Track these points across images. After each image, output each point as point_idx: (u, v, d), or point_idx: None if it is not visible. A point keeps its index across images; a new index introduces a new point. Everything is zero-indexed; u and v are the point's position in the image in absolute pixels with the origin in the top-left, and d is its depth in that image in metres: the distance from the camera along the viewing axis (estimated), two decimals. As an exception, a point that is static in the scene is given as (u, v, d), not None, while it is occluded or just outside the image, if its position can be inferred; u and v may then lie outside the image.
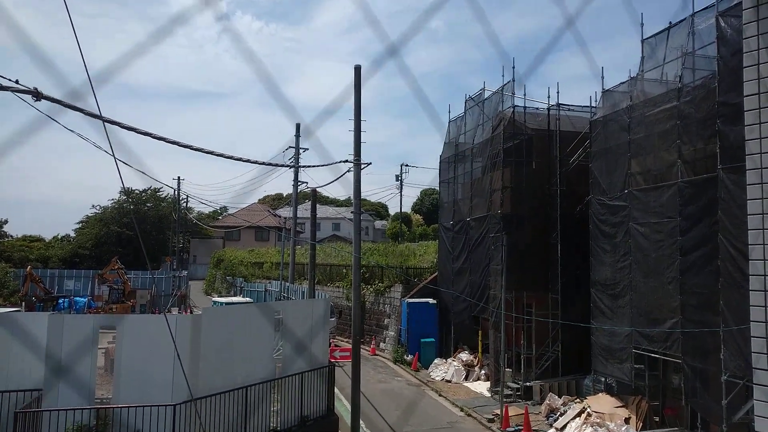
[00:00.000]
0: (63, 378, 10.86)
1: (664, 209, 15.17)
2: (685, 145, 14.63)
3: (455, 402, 20.20)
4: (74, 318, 14.24)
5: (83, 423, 10.45)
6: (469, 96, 25.27)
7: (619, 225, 16.94)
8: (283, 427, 13.46)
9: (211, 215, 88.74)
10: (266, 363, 13.44)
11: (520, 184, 21.46)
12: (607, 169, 17.76)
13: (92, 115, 6.42)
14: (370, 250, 36.94)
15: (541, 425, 17.20)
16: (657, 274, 15.41)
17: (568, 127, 21.76)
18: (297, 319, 14.76)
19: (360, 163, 16.88)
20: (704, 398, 13.97)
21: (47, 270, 48.34)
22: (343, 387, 18.51)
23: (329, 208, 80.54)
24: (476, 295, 22.89)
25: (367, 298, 31.06)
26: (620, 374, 16.65)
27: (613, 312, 17.10)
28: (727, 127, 12.83)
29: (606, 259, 17.52)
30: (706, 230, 13.76)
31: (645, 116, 16.16)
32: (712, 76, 13.77)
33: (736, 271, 12.38)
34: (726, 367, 12.75)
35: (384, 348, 28.99)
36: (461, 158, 25.89)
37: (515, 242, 20.09)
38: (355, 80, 16.80)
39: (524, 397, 19.97)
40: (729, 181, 12.69)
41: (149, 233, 69.47)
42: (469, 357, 24.12)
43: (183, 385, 10.18)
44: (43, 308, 33.88)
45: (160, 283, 43.52)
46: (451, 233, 26.20)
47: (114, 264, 35.79)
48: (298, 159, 29.42)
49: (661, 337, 15.12)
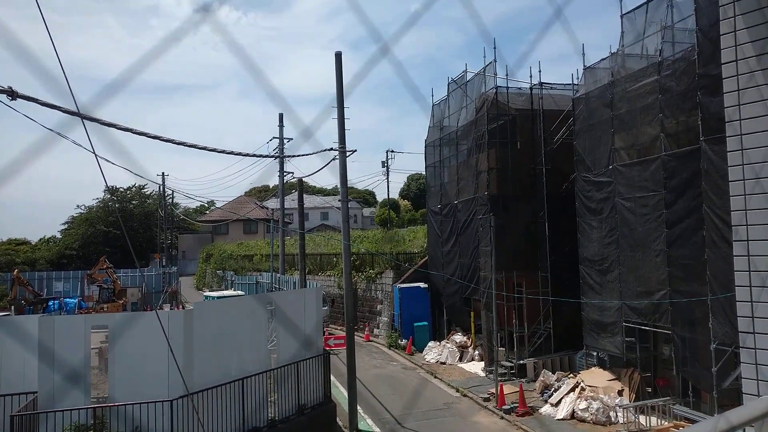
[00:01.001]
0: (57, 379, 10.83)
1: (648, 183, 15.29)
2: (667, 118, 14.73)
3: (450, 383, 20.35)
4: (65, 319, 14.20)
5: (80, 423, 10.44)
6: (452, 79, 25.20)
7: (605, 201, 17.05)
8: (281, 416, 13.51)
9: (198, 210, 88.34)
10: (261, 354, 13.47)
11: (505, 164, 21.51)
12: (591, 145, 17.85)
13: (70, 113, 6.36)
14: (360, 238, 36.97)
15: (536, 402, 17.38)
16: (644, 247, 15.56)
17: (551, 106, 21.80)
18: (289, 309, 14.78)
19: (345, 150, 16.85)
20: (695, 367, 14.19)
21: (35, 273, 47.94)
22: (339, 374, 18.60)
23: (317, 197, 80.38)
24: (467, 277, 23.01)
25: (358, 285, 31.12)
26: (612, 348, 16.84)
27: (602, 287, 17.27)
28: (708, 99, 12.94)
29: (593, 235, 17.65)
30: (691, 202, 13.90)
31: (627, 91, 16.24)
32: (691, 49, 13.84)
33: (721, 240, 12.54)
34: (715, 336, 12.95)
35: (378, 334, 29.10)
36: (446, 141, 25.90)
37: (503, 223, 20.18)
38: (336, 67, 16.72)
39: (518, 375, 20.15)
40: (711, 153, 12.82)
41: (136, 231, 69.16)
42: (463, 338, 24.27)
43: (178, 380, 10.19)
44: (33, 311, 33.63)
45: (150, 280, 43.35)
46: (440, 217, 26.26)
47: (102, 263, 35.57)
48: (282, 149, 29.34)
49: (651, 309, 15.30)
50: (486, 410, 17.36)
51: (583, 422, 15.50)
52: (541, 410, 16.70)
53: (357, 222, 77.62)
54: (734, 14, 3.65)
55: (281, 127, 30.34)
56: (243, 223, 70.29)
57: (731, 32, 3.67)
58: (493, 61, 21.65)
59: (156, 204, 65.90)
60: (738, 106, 3.68)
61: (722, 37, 3.80)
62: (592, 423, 15.35)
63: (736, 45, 3.66)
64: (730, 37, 3.71)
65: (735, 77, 3.68)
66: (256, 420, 12.76)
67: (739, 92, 3.65)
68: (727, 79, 3.69)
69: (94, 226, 67.33)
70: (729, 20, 3.67)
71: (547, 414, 16.41)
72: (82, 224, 69.32)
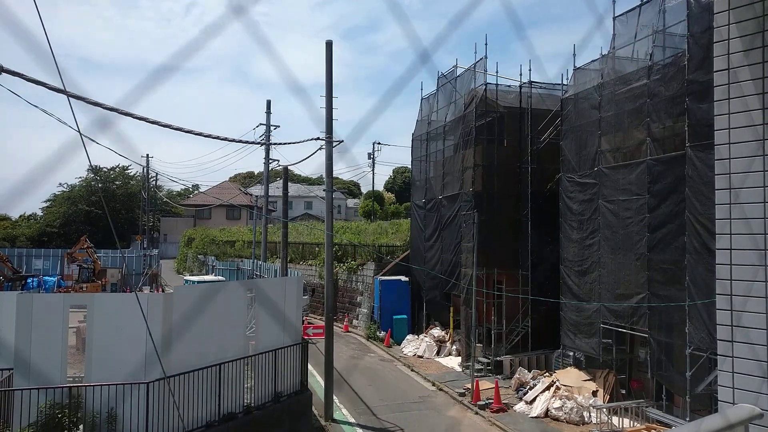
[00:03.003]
0: (34, 357, 10.72)
1: (632, 186, 15.40)
2: (654, 123, 14.82)
3: (427, 377, 20.45)
4: (43, 297, 14.05)
5: (56, 401, 10.36)
6: (442, 73, 25.17)
7: (588, 202, 17.16)
8: (257, 403, 13.49)
9: (182, 193, 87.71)
10: (239, 340, 13.42)
11: (491, 162, 21.57)
12: (578, 146, 17.94)
13: (56, 90, 6.27)
14: (343, 229, 36.93)
15: (511, 399, 17.52)
16: (625, 250, 15.68)
17: (540, 105, 21.86)
18: (270, 296, 14.73)
19: (332, 140, 16.80)
20: (669, 371, 14.37)
21: (14, 249, 47.40)
22: (317, 363, 18.60)
23: (301, 186, 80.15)
24: (447, 272, 23.08)
25: (339, 276, 31.12)
26: (588, 349, 16.99)
27: (581, 288, 17.39)
28: (696, 105, 13.05)
29: (574, 236, 17.76)
30: (673, 207, 14.02)
31: (615, 94, 16.32)
32: (682, 54, 13.93)
33: (701, 246, 12.69)
34: (690, 341, 13.12)
35: (357, 325, 29.14)
36: (433, 136, 25.91)
37: (486, 220, 20.24)
38: (327, 56, 16.65)
39: (495, 371, 20.30)
40: (696, 159, 12.93)
41: (118, 212, 68.66)
42: (441, 333, 24.39)
43: (156, 362, 10.13)
44: (12, 288, 33.28)
45: (130, 262, 43.02)
46: (424, 211, 26.30)
47: (83, 243, 35.27)
48: (269, 136, 29.18)
49: (628, 312, 15.44)
50: (461, 405, 17.47)
51: (557, 421, 15.65)
52: (515, 407, 16.83)
53: (341, 213, 77.59)
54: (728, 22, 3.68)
55: (268, 114, 30.17)
56: (226, 208, 69.95)
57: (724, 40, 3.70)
58: (484, 57, 21.66)
59: (139, 185, 65.35)
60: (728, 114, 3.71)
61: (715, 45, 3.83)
62: (565, 422, 15.51)
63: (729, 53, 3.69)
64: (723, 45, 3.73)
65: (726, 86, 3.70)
66: (232, 406, 12.73)
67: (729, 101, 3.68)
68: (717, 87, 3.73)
69: (76, 205, 66.69)
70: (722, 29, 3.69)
71: (521, 411, 16.55)
72: (63, 203, 68.62)
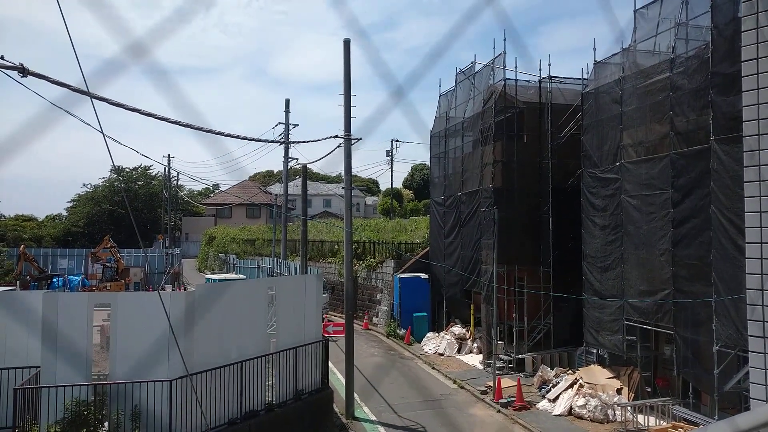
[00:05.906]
0: (60, 355, 10.86)
1: (656, 181, 15.18)
2: (677, 116, 14.59)
3: (448, 374, 20.38)
4: (69, 296, 14.25)
5: (81, 399, 10.48)
6: (460, 69, 25.03)
7: (611, 198, 16.96)
8: (279, 401, 13.53)
9: (203, 192, 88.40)
10: (260, 338, 13.47)
11: (511, 158, 21.40)
12: (599, 141, 17.74)
13: (79, 92, 6.33)
14: (362, 226, 36.93)
15: (533, 396, 17.39)
16: (648, 246, 15.47)
17: (559, 100, 21.65)
18: (290, 294, 14.77)
19: (350, 138, 16.78)
20: (696, 368, 14.14)
21: (40, 249, 48.22)
22: (337, 361, 18.62)
23: (320, 184, 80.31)
24: (468, 269, 22.97)
25: (359, 273, 31.13)
26: (612, 346, 16.80)
27: (603, 285, 17.20)
28: (720, 98, 12.81)
29: (597, 231, 17.57)
30: (698, 202, 13.79)
31: (637, 88, 16.10)
32: (705, 46, 13.69)
33: (728, 241, 12.46)
34: (718, 338, 12.90)
35: (377, 323, 29.13)
36: (452, 133, 25.79)
37: (506, 216, 20.07)
38: (345, 54, 16.63)
39: (516, 369, 20.14)
40: (722, 152, 12.71)
41: (141, 211, 69.40)
42: (462, 330, 24.28)
43: (178, 360, 10.19)
44: (38, 287, 33.83)
45: (152, 260, 43.47)
46: (443, 208, 26.20)
47: (107, 242, 35.73)
48: (288, 135, 29.24)
49: (653, 308, 15.24)
50: (483, 403, 17.37)
51: (581, 419, 15.49)
52: (538, 405, 16.70)
53: (359, 210, 77.62)
54: (757, 10, 3.58)
55: (287, 113, 30.22)
56: (246, 207, 70.32)
57: (753, 29, 3.60)
58: (502, 52, 21.48)
59: (161, 185, 65.97)
60: (757, 105, 3.61)
61: (743, 34, 3.73)
62: (589, 420, 15.34)
63: (758, 42, 3.59)
64: (752, 33, 3.63)
65: (755, 75, 3.61)
66: (254, 403, 12.79)
67: (758, 91, 3.58)
68: (746, 77, 3.62)
69: (99, 205, 67.57)
70: (752, 17, 3.59)
71: (544, 409, 16.41)
72: (87, 203, 69.60)
